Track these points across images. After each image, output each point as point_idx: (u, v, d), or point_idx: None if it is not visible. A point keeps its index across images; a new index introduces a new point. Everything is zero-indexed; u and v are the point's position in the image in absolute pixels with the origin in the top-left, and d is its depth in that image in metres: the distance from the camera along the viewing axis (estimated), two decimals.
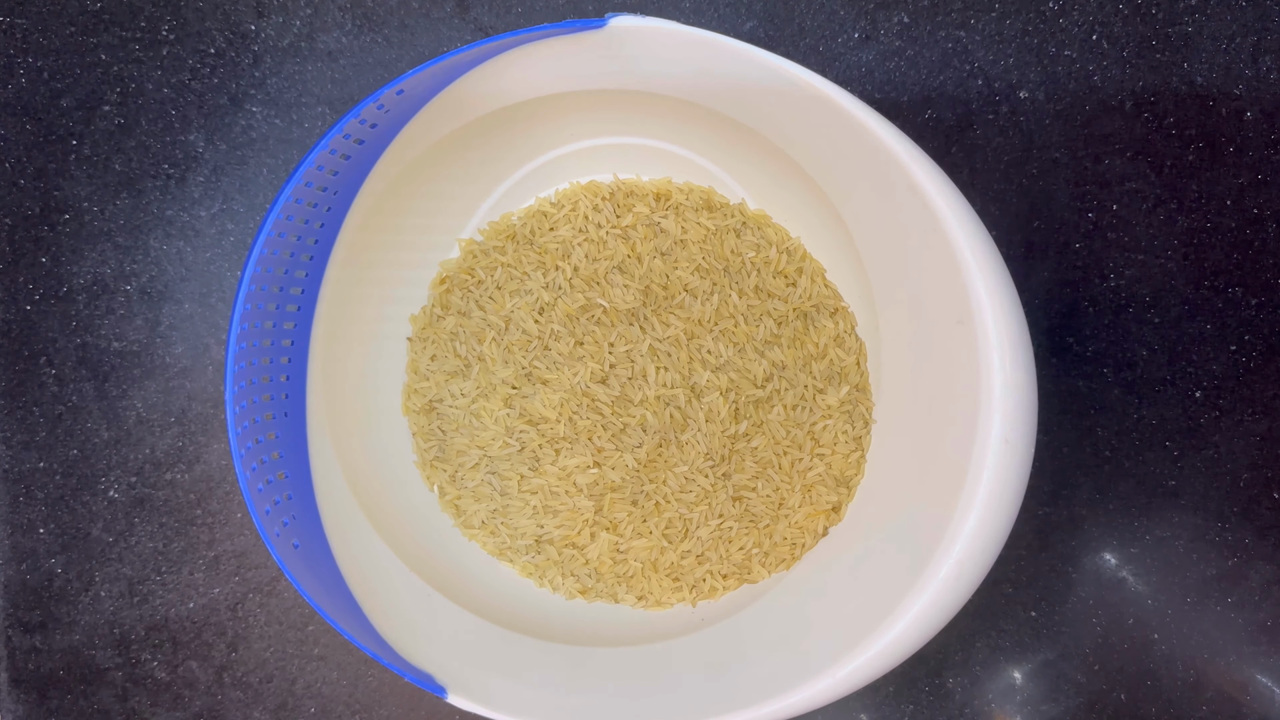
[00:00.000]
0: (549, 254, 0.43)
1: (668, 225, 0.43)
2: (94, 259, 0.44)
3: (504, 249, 0.44)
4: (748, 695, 0.33)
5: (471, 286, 0.44)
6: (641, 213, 0.43)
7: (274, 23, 0.44)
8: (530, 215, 0.44)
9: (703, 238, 0.43)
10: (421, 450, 0.44)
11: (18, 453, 0.45)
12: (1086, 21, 0.43)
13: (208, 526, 0.45)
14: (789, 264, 0.42)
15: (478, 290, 0.44)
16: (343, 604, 0.36)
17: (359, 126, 0.35)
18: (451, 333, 0.44)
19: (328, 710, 0.46)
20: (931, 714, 0.45)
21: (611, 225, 0.43)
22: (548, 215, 0.44)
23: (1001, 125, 0.43)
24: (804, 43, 0.43)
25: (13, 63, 0.44)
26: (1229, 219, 0.43)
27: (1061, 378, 0.43)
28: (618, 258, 0.43)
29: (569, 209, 0.43)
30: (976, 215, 0.32)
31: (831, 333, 0.42)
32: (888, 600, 0.32)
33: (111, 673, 0.45)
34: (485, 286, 0.44)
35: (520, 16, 0.43)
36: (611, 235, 0.43)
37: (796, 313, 0.42)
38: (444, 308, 0.44)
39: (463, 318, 0.44)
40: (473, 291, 0.44)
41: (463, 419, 0.44)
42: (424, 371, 0.44)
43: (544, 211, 0.44)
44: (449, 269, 0.44)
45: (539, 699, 0.37)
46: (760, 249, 0.42)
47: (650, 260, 0.43)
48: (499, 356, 0.43)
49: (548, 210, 0.44)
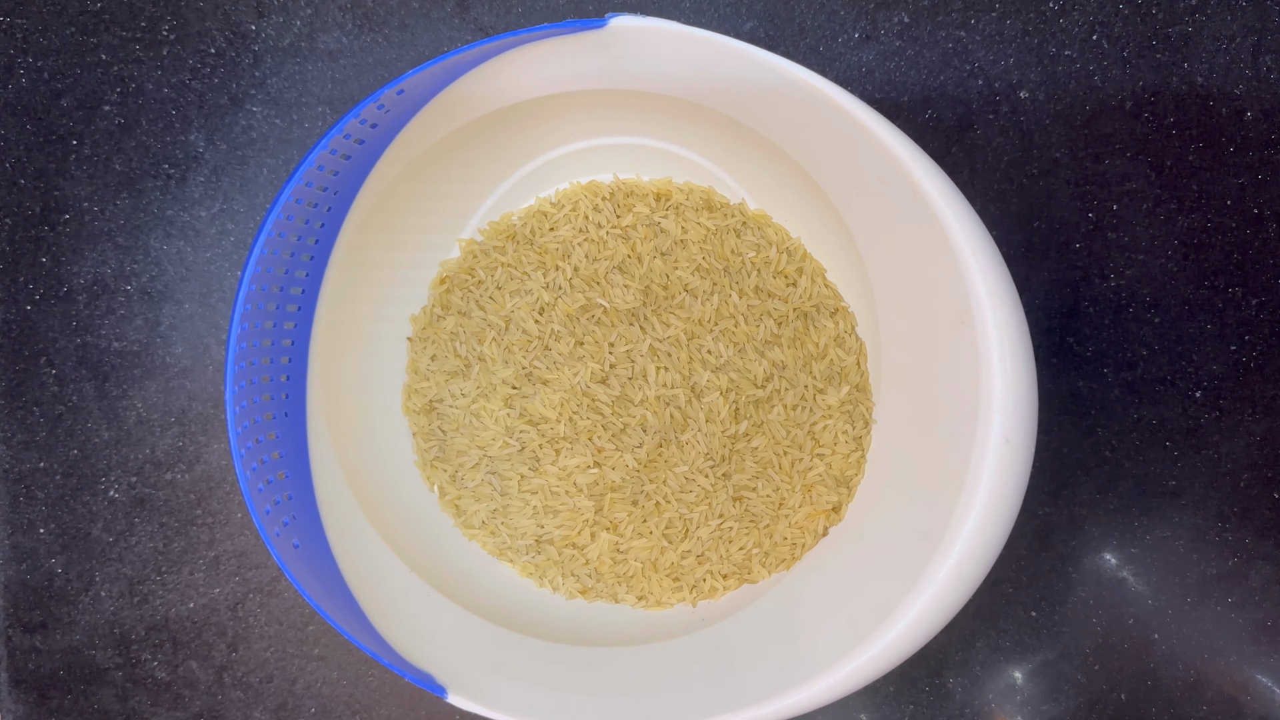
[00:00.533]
0: (549, 254, 0.43)
1: (668, 225, 0.43)
2: (94, 259, 0.44)
3: (504, 249, 0.44)
4: (748, 695, 0.33)
5: (471, 286, 0.44)
6: (642, 213, 0.43)
7: (274, 23, 0.44)
8: (530, 215, 0.44)
9: (703, 238, 0.43)
10: (422, 450, 0.44)
11: (18, 453, 0.45)
12: (1087, 22, 0.43)
13: (208, 526, 0.45)
14: (789, 264, 0.42)
15: (478, 290, 0.44)
16: (343, 604, 0.36)
17: (359, 126, 0.35)
18: (451, 333, 0.44)
19: (328, 710, 0.46)
20: (932, 714, 0.45)
21: (612, 225, 0.43)
22: (548, 215, 0.44)
23: (1002, 125, 0.43)
24: (804, 43, 0.43)
25: (13, 63, 0.44)
26: (1229, 219, 0.43)
27: (1061, 378, 0.43)
28: (618, 258, 0.43)
29: (569, 209, 0.43)
30: (977, 215, 0.32)
31: (831, 333, 0.42)
32: (888, 600, 0.32)
33: (112, 673, 0.45)
34: (485, 286, 0.44)
35: (520, 16, 0.43)
36: (612, 235, 0.43)
37: (796, 313, 0.42)
38: (444, 307, 0.44)
39: (463, 317, 0.44)
40: (473, 291, 0.44)
41: (463, 419, 0.44)
42: (424, 371, 0.44)
43: (544, 211, 0.44)
44: (449, 269, 0.44)
45: (539, 699, 0.37)
46: (760, 249, 0.42)
47: (650, 260, 0.43)
48: (499, 356, 0.43)
49: (548, 210, 0.44)
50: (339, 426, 0.42)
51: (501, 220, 0.44)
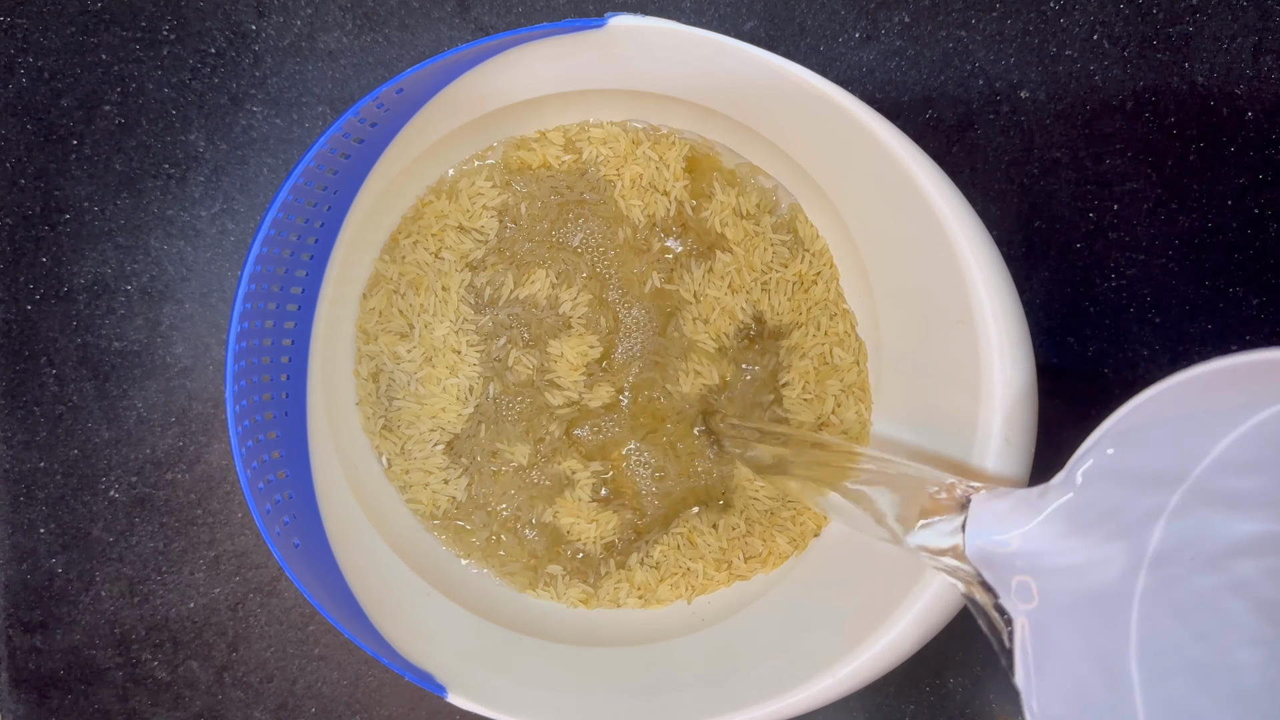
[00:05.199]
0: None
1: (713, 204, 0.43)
2: (94, 259, 0.44)
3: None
4: (748, 695, 0.33)
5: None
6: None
7: (274, 22, 0.44)
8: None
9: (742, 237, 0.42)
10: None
11: (18, 452, 0.45)
12: (1087, 21, 0.43)
13: (208, 526, 0.45)
14: (810, 268, 0.42)
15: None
16: (343, 603, 0.36)
17: (358, 125, 0.35)
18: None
19: (328, 710, 0.46)
20: (932, 714, 0.45)
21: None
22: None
23: (1002, 125, 0.43)
24: (805, 42, 0.43)
25: (13, 62, 0.44)
26: (1230, 219, 0.43)
27: (1061, 378, 0.43)
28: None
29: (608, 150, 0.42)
30: (977, 215, 0.32)
31: (832, 333, 0.42)
32: (888, 600, 0.32)
33: (112, 673, 0.45)
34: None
35: (520, 16, 0.43)
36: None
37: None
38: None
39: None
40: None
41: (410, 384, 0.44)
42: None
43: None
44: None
45: (539, 699, 0.37)
46: (793, 251, 0.42)
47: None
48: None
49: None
50: (339, 426, 0.42)
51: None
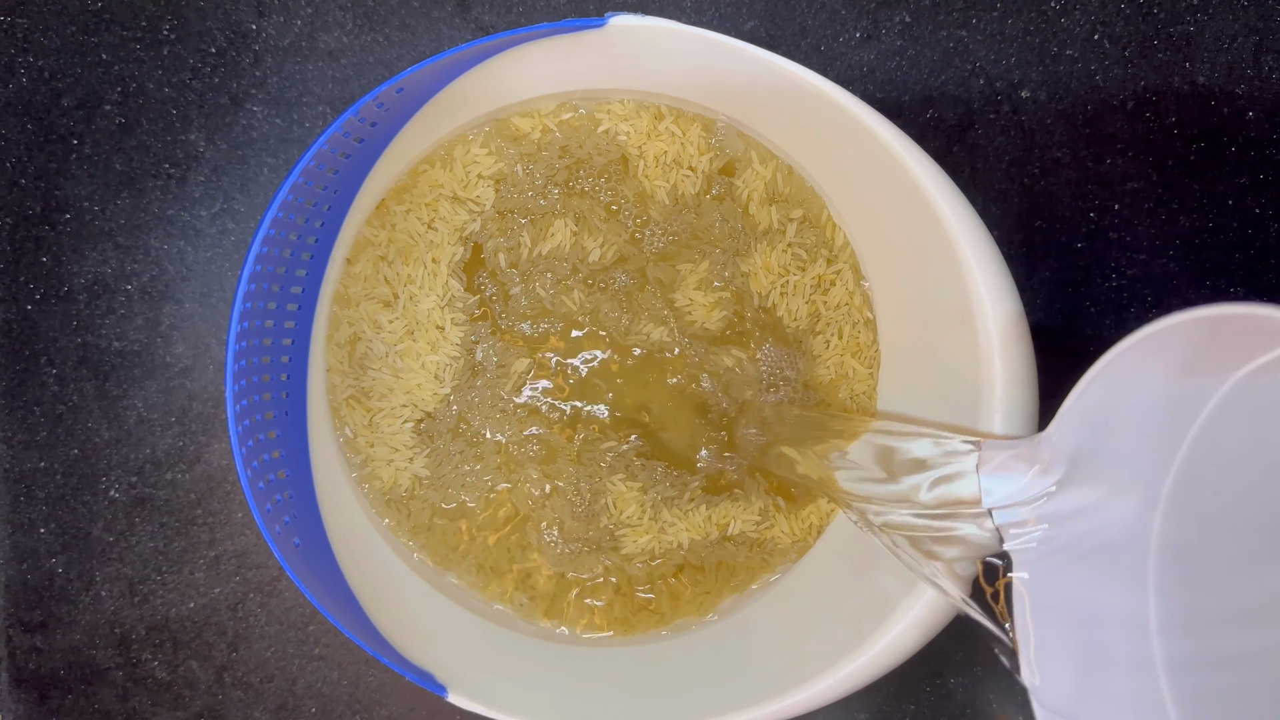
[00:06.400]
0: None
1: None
2: (95, 259, 0.44)
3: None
4: (748, 695, 0.33)
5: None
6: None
7: (275, 22, 0.44)
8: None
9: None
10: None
11: (18, 452, 0.45)
12: (1088, 21, 0.43)
13: (208, 526, 0.45)
14: (828, 269, 0.41)
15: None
16: (344, 603, 0.36)
17: (358, 125, 0.35)
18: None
19: (328, 710, 0.46)
20: (932, 714, 0.45)
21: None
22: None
23: (1003, 125, 0.43)
24: (805, 42, 0.43)
25: (13, 62, 0.44)
26: (1231, 219, 0.43)
27: (1062, 378, 0.43)
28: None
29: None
30: (977, 215, 0.32)
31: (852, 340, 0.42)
32: (888, 600, 0.32)
33: (112, 673, 0.45)
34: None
35: (521, 15, 0.43)
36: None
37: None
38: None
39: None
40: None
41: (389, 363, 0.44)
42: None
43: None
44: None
45: (539, 699, 0.37)
46: (811, 252, 0.41)
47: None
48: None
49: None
50: (339, 425, 0.42)
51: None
